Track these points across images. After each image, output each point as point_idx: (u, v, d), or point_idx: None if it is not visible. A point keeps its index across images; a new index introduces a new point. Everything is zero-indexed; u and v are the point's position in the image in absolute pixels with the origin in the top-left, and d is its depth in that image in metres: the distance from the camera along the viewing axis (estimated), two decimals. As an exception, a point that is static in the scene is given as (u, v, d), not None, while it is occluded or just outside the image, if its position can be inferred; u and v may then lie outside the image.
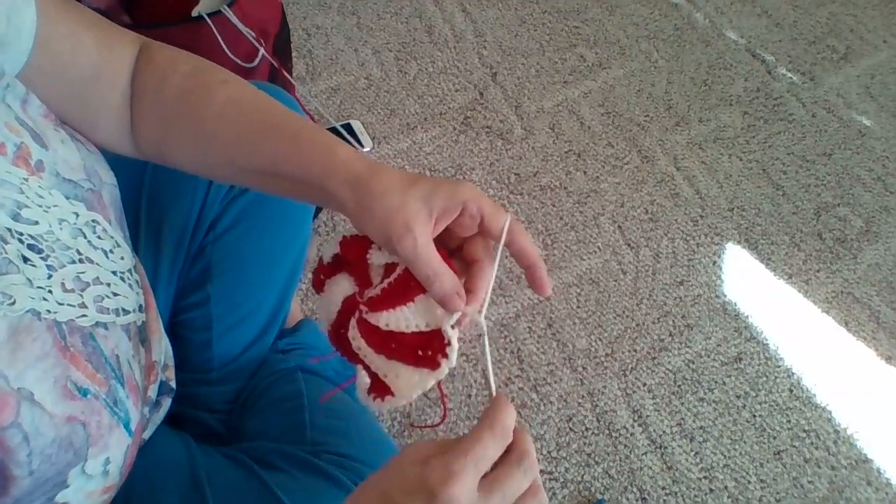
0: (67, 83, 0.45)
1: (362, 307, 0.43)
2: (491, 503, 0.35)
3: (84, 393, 0.38)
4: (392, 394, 0.41)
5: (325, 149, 0.42)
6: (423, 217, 0.39)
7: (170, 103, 0.47)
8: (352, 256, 0.45)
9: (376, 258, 0.43)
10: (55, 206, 0.40)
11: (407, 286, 0.41)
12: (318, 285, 0.47)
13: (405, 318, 0.42)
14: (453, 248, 0.45)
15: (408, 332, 0.42)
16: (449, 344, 0.40)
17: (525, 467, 0.37)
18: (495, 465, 0.37)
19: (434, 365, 0.41)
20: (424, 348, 0.41)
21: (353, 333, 0.43)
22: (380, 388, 0.42)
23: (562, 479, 0.95)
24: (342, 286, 0.45)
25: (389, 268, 0.43)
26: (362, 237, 0.43)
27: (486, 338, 0.41)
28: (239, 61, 0.91)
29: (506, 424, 0.38)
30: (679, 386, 1.06)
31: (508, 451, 0.38)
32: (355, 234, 0.44)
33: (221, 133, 0.45)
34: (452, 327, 0.41)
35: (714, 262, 1.21)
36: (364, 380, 0.42)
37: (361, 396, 0.42)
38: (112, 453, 0.41)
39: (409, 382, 0.41)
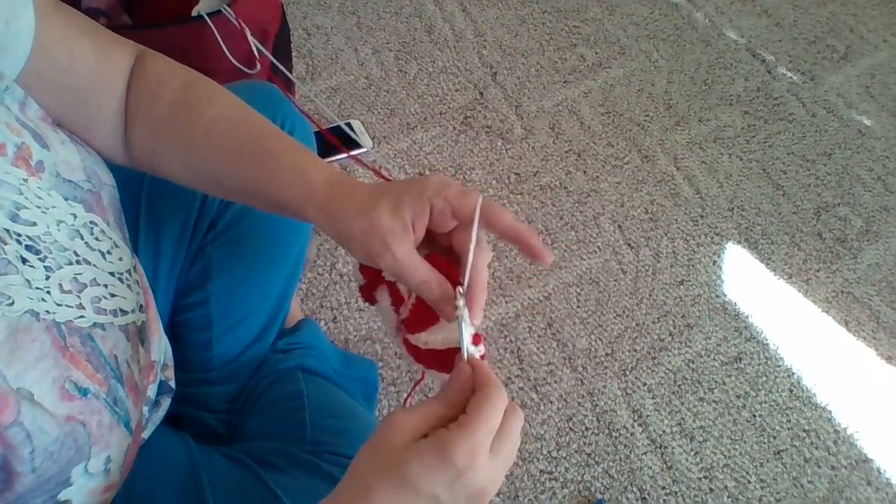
0: (65, 89, 0.45)
1: (402, 327, 0.45)
2: (499, 461, 0.35)
3: (84, 393, 0.39)
4: None
5: (300, 177, 0.43)
6: (398, 230, 0.39)
7: (160, 118, 0.47)
8: (372, 277, 0.46)
9: (388, 275, 0.44)
10: (54, 207, 0.40)
11: (430, 310, 0.42)
12: (370, 300, 0.48)
13: (437, 337, 0.42)
14: (446, 246, 0.45)
15: (443, 350, 0.42)
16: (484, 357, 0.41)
17: (518, 416, 0.37)
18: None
19: None
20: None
21: (404, 353, 0.45)
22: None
23: (562, 479, 0.95)
24: (384, 298, 0.47)
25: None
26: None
27: (463, 317, 0.40)
28: (238, 63, 0.90)
29: (501, 386, 0.37)
30: (679, 386, 1.06)
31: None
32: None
33: (208, 152, 0.46)
34: (475, 345, 0.40)
35: (714, 262, 1.21)
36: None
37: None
38: (113, 452, 0.41)
39: None
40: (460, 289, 0.40)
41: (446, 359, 0.42)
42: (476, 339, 0.41)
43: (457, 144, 1.30)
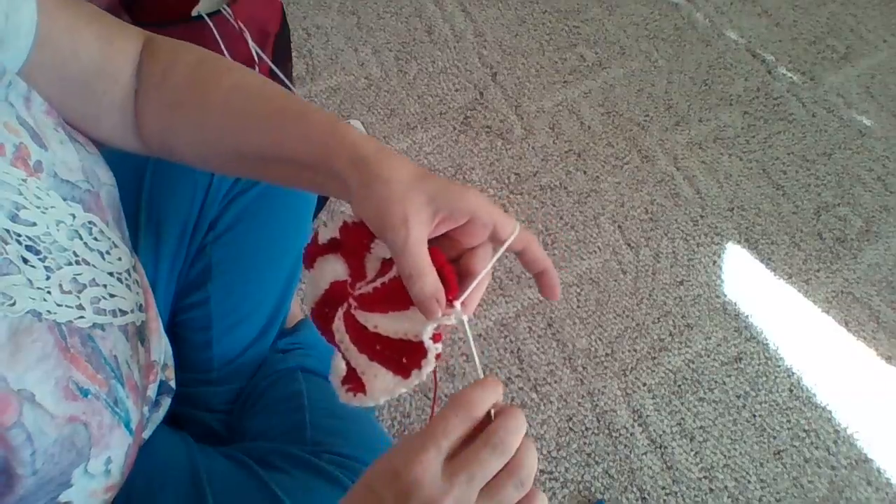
0: (69, 79, 0.45)
1: (352, 301, 0.42)
2: (455, 485, 0.33)
3: (85, 393, 0.39)
4: (365, 392, 0.40)
5: (331, 129, 0.41)
6: (424, 215, 0.38)
7: (174, 92, 0.46)
8: (351, 243, 0.43)
9: (379, 250, 0.42)
10: (53, 207, 0.40)
11: (403, 293, 0.40)
12: (309, 262, 0.45)
13: (395, 325, 0.40)
14: (453, 256, 0.44)
15: (395, 338, 0.40)
16: (425, 356, 0.39)
17: (493, 445, 0.34)
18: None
19: (407, 374, 0.40)
20: (408, 357, 0.40)
21: (338, 325, 0.42)
22: (355, 382, 0.41)
23: (562, 479, 0.95)
24: (334, 268, 0.44)
25: (386, 264, 0.42)
26: (364, 226, 0.42)
27: (468, 329, 0.40)
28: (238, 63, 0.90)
29: (471, 399, 0.35)
30: (679, 386, 1.06)
31: (482, 428, 0.35)
32: (356, 222, 0.43)
33: (226, 120, 0.45)
34: (435, 342, 0.39)
35: (714, 262, 1.21)
36: (340, 366, 0.42)
37: (335, 383, 0.42)
38: (113, 453, 0.41)
39: (385, 386, 0.40)
40: (459, 301, 0.39)
41: (388, 348, 0.41)
42: (437, 337, 0.39)
43: (457, 144, 1.30)
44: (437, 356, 0.39)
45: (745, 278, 1.19)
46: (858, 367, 1.12)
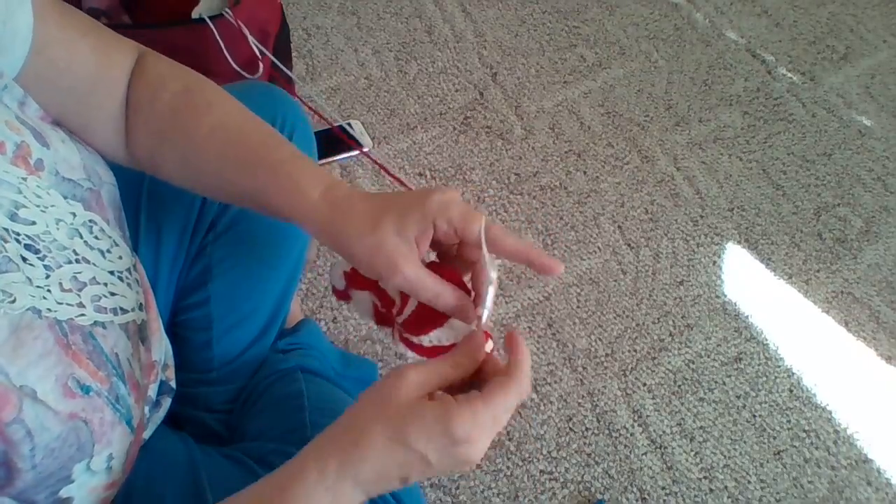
0: (64, 90, 0.45)
1: (398, 327, 0.45)
2: (495, 430, 0.37)
3: (86, 390, 0.39)
4: None
5: (296, 191, 0.43)
6: (404, 250, 0.40)
7: (160, 121, 0.47)
8: (362, 287, 0.46)
9: (390, 288, 0.45)
10: (53, 205, 0.40)
11: (433, 311, 0.43)
12: (345, 299, 0.49)
13: (444, 337, 0.44)
14: (453, 254, 0.45)
15: (448, 345, 0.44)
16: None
17: (523, 395, 0.39)
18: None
19: None
20: None
21: (400, 349, 0.46)
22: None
23: (562, 479, 0.95)
24: (366, 297, 0.47)
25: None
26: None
27: (493, 280, 0.42)
28: (239, 69, 0.91)
29: (529, 375, 0.39)
30: (679, 386, 1.06)
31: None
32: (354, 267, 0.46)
33: (207, 159, 0.46)
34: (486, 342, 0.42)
35: (714, 262, 1.21)
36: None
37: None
38: (115, 450, 0.42)
39: None
40: (480, 319, 0.42)
41: (450, 349, 0.44)
42: (486, 336, 0.42)
43: (457, 145, 1.30)
44: (492, 351, 0.43)
45: (745, 278, 1.19)
46: (858, 367, 1.12)
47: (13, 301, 0.34)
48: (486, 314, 0.42)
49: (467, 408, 0.36)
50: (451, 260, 0.46)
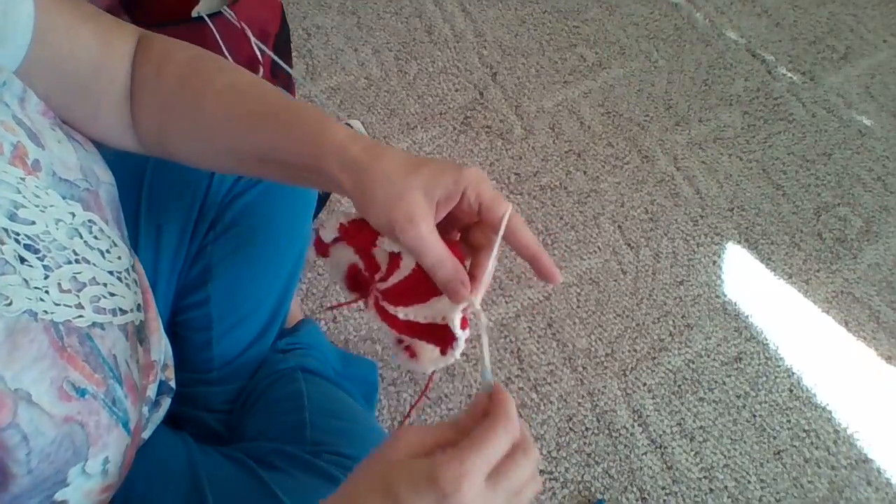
0: (67, 76, 0.45)
1: (377, 293, 0.44)
2: (498, 496, 0.34)
3: (82, 393, 0.38)
4: (417, 359, 0.44)
5: (321, 130, 0.41)
6: (426, 207, 0.39)
7: (168, 90, 0.46)
8: (354, 243, 0.45)
9: (386, 245, 0.43)
10: (52, 206, 0.40)
11: (423, 286, 0.42)
12: (323, 252, 0.47)
13: (421, 314, 0.43)
14: (459, 229, 0.44)
15: (424, 323, 0.43)
16: (456, 340, 0.42)
17: (529, 457, 0.36)
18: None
19: (444, 351, 0.43)
20: (440, 337, 0.43)
21: (372, 315, 0.45)
22: (407, 348, 0.44)
23: (562, 479, 0.95)
24: (347, 255, 0.46)
25: (395, 255, 0.43)
26: (362, 224, 0.43)
27: (483, 324, 0.41)
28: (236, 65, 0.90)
29: (514, 417, 0.37)
30: (679, 386, 1.06)
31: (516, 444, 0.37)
32: (354, 220, 0.44)
33: (219, 119, 0.45)
34: (462, 329, 0.41)
35: (714, 262, 1.21)
36: (392, 333, 0.45)
37: (392, 344, 0.45)
38: (111, 453, 0.41)
39: (431, 356, 0.43)
40: (475, 299, 0.41)
41: (422, 330, 0.43)
42: (463, 323, 0.41)
43: (457, 144, 1.30)
44: (467, 340, 0.42)
45: (745, 278, 1.19)
46: (858, 367, 1.12)
47: (9, 304, 0.34)
48: (479, 299, 0.41)
49: (454, 456, 0.33)
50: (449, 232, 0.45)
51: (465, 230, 0.44)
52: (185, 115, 0.46)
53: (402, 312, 0.43)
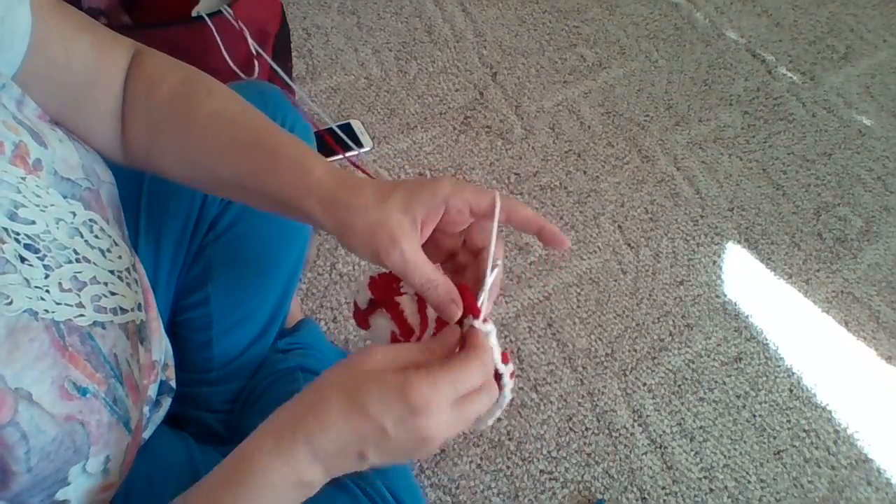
0: (62, 87, 0.45)
1: None
2: (458, 423, 0.36)
3: (83, 392, 0.39)
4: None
5: (299, 168, 0.42)
6: (407, 227, 0.39)
7: (157, 111, 0.47)
8: (379, 295, 0.45)
9: (406, 286, 0.44)
10: (52, 205, 0.40)
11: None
12: (363, 324, 0.48)
13: None
14: (454, 246, 0.45)
15: None
16: (501, 378, 0.41)
17: (492, 396, 0.38)
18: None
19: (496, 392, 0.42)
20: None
21: None
22: None
23: (562, 479, 0.95)
24: (385, 324, 0.46)
25: (421, 306, 0.43)
26: (390, 275, 0.44)
27: (491, 331, 0.41)
28: (237, 69, 0.90)
29: (490, 357, 0.38)
30: (679, 386, 1.06)
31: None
32: (382, 273, 0.44)
33: (205, 144, 0.45)
34: (504, 363, 0.41)
35: (714, 262, 1.21)
36: None
37: None
38: (112, 452, 0.41)
39: (486, 410, 0.41)
40: (482, 293, 0.41)
41: None
42: (504, 358, 0.41)
43: (457, 144, 1.30)
44: (512, 374, 0.42)
45: (745, 278, 1.19)
46: (858, 367, 1.12)
47: (9, 303, 0.34)
48: (485, 296, 0.41)
49: (426, 374, 0.34)
50: (448, 259, 0.45)
51: (462, 244, 0.45)
52: (172, 137, 0.47)
53: None
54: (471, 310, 0.41)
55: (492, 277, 0.42)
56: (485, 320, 0.40)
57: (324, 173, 0.42)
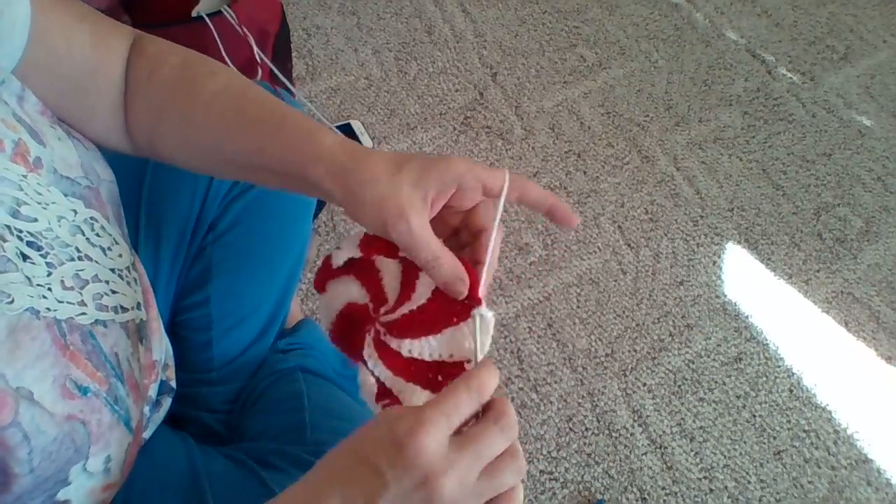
0: (63, 77, 0.45)
1: (380, 328, 0.43)
2: (463, 459, 0.33)
3: (84, 391, 0.38)
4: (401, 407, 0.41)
5: (307, 138, 0.41)
6: (417, 201, 0.38)
7: (160, 93, 0.46)
8: (368, 253, 0.43)
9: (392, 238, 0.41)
10: (54, 203, 0.40)
11: (435, 316, 0.41)
12: (320, 286, 0.46)
13: (429, 349, 0.41)
14: (456, 224, 0.44)
15: (429, 360, 0.41)
16: (461, 374, 0.39)
17: (502, 426, 0.34)
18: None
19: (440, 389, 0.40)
20: (444, 375, 0.40)
21: (370, 352, 0.42)
22: (391, 398, 0.41)
23: (562, 479, 0.95)
24: (348, 290, 0.44)
25: (407, 287, 0.42)
26: (384, 239, 0.42)
27: (489, 321, 0.40)
28: (234, 67, 0.90)
29: (482, 381, 0.35)
30: (679, 386, 1.06)
31: (486, 411, 0.36)
32: (376, 235, 0.43)
33: (209, 122, 0.45)
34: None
35: (714, 262, 1.21)
36: (369, 381, 0.42)
37: (368, 400, 0.42)
38: (113, 451, 0.41)
39: (419, 402, 0.40)
40: (483, 277, 0.40)
41: (424, 369, 0.41)
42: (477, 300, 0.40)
43: (457, 145, 1.30)
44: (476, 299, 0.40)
45: (745, 278, 1.19)
46: (858, 367, 1.12)
47: (11, 302, 0.34)
48: (485, 278, 0.40)
49: (411, 410, 0.33)
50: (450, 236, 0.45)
51: (463, 223, 0.44)
52: (175, 118, 0.46)
53: (407, 347, 0.41)
54: (473, 296, 0.40)
55: (490, 256, 0.41)
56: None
57: (333, 143, 0.41)
